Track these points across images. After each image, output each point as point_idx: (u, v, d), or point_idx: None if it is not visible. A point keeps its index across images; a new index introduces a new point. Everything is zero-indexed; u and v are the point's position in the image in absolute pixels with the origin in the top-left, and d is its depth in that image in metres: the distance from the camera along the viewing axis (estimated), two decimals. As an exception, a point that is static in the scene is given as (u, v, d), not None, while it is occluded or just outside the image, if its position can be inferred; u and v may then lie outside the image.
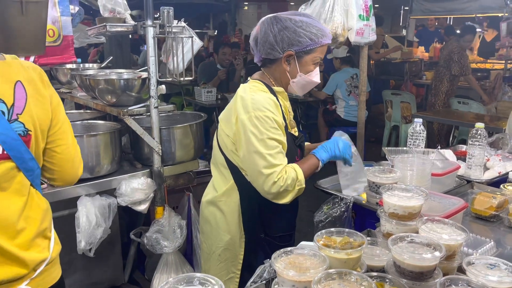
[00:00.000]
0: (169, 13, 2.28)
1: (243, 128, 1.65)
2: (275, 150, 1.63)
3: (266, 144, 1.62)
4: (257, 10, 19.91)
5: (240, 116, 1.66)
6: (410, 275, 1.23)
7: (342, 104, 5.67)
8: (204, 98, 5.71)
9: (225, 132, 1.76)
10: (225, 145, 1.77)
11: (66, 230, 2.32)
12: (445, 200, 1.68)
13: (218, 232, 1.85)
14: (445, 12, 7.93)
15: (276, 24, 1.68)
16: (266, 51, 1.72)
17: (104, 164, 2.31)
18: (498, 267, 1.23)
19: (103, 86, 2.38)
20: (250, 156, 1.64)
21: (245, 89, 1.72)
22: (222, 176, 1.83)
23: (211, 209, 1.87)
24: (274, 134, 1.64)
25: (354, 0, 2.98)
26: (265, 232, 1.83)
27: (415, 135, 2.27)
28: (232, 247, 1.83)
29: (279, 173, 1.61)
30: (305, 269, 1.19)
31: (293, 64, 1.72)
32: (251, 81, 1.79)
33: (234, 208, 1.81)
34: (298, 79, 1.75)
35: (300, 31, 1.67)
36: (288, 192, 1.65)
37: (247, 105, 1.65)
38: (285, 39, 1.67)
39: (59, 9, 3.07)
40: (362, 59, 3.24)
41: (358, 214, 2.04)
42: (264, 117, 1.63)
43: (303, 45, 1.68)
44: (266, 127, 1.62)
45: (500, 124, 4.14)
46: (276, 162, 1.62)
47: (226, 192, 1.81)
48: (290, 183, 1.63)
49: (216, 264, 1.88)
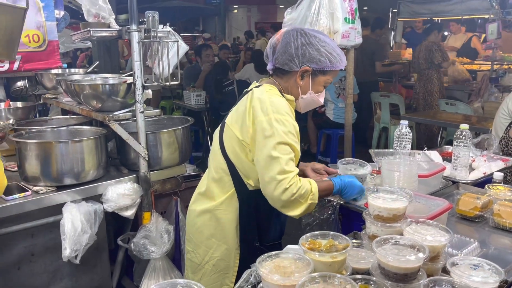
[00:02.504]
0: (154, 18, 2.26)
1: (262, 130, 1.61)
2: (289, 156, 1.60)
3: (282, 149, 1.59)
4: (247, 13, 19.97)
5: (259, 118, 1.62)
6: (395, 277, 1.23)
7: (331, 107, 5.70)
8: (194, 101, 5.71)
9: (236, 136, 1.70)
10: (233, 150, 1.72)
11: (52, 237, 2.30)
12: (430, 201, 1.68)
13: (213, 242, 1.80)
14: (431, 14, 8.02)
15: (301, 38, 1.68)
16: (284, 61, 1.71)
17: (90, 169, 2.29)
18: (482, 268, 1.24)
19: (88, 92, 2.36)
20: (265, 160, 1.60)
21: (262, 91, 1.68)
22: (221, 183, 1.77)
23: (205, 219, 1.81)
24: (291, 140, 1.62)
25: (340, 3, 3.00)
26: (260, 240, 1.81)
27: (401, 137, 2.28)
28: (227, 257, 1.80)
29: (291, 180, 1.57)
30: (289, 273, 1.19)
31: (307, 80, 1.73)
32: (265, 84, 1.76)
33: (233, 217, 1.77)
34: (308, 96, 1.76)
35: (323, 50, 1.68)
36: (300, 203, 1.60)
37: (267, 107, 1.62)
38: (306, 54, 1.68)
39: (44, 14, 3.05)
40: (348, 62, 3.25)
41: (344, 216, 2.04)
42: (284, 121, 1.61)
43: (322, 65, 1.69)
44: (285, 131, 1.60)
45: (487, 124, 4.18)
46: (289, 169, 1.58)
47: (226, 201, 1.77)
48: (303, 193, 1.59)
49: (209, 275, 1.83)
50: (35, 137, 2.42)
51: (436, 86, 6.05)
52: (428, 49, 5.99)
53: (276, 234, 1.88)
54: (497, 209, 1.77)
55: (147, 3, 11.45)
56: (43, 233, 2.29)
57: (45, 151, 2.18)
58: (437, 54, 5.96)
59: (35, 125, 2.70)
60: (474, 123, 4.57)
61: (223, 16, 18.26)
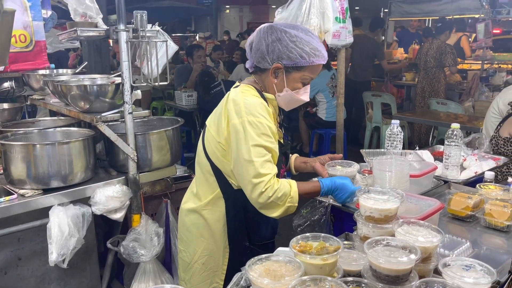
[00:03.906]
0: (142, 17, 2.23)
1: (235, 133, 1.60)
2: (264, 158, 1.58)
3: (257, 151, 1.57)
4: (239, 13, 19.94)
5: (232, 121, 1.61)
6: (386, 279, 1.21)
7: (323, 107, 5.71)
8: (185, 102, 5.68)
9: (214, 138, 1.70)
10: (212, 152, 1.72)
11: (39, 241, 2.26)
12: (422, 201, 1.67)
13: (201, 241, 1.81)
14: (422, 14, 8.05)
15: (271, 34, 1.64)
16: (258, 59, 1.69)
17: (78, 172, 2.25)
18: (474, 268, 1.23)
19: (76, 93, 2.32)
20: (240, 163, 1.59)
21: (237, 93, 1.67)
22: (207, 184, 1.77)
23: (192, 218, 1.82)
24: (265, 142, 1.59)
25: (331, 3, 2.99)
26: (249, 240, 1.80)
27: (392, 136, 2.27)
28: (216, 256, 1.80)
29: (267, 183, 1.56)
30: (280, 276, 1.17)
31: (281, 77, 1.68)
32: (242, 85, 1.74)
33: (220, 217, 1.77)
34: (284, 94, 1.71)
35: (292, 46, 1.62)
36: (278, 205, 1.59)
37: (240, 109, 1.60)
38: (276, 51, 1.63)
39: (31, 14, 3.00)
40: (339, 62, 3.24)
41: (336, 217, 2.03)
42: (257, 123, 1.58)
43: (292, 61, 1.63)
44: (258, 133, 1.58)
45: (478, 124, 4.20)
46: (264, 172, 1.57)
47: (212, 201, 1.76)
48: (280, 196, 1.57)
49: (199, 273, 1.83)
50: (21, 139, 2.37)
51: (443, 86, 6.10)
52: (440, 50, 5.98)
53: (268, 234, 1.87)
54: (489, 209, 1.77)
55: (138, 3, 11.40)
56: (30, 237, 2.25)
57: (31, 154, 2.14)
58: (450, 57, 5.95)
59: (22, 126, 2.66)
60: (465, 122, 4.59)
61: (215, 16, 18.21)
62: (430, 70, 6.12)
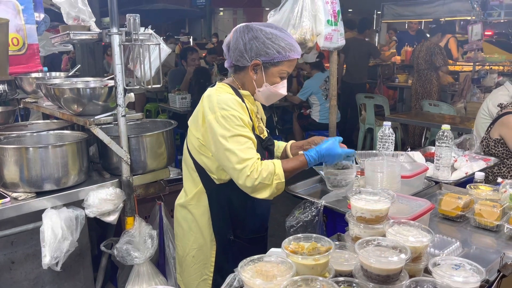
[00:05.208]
0: (135, 20, 2.24)
1: (211, 128, 1.68)
2: (244, 146, 1.65)
3: (235, 141, 1.64)
4: (233, 15, 19.97)
5: (207, 117, 1.69)
6: (377, 279, 1.23)
7: (317, 109, 5.74)
8: (179, 104, 5.68)
9: (194, 135, 1.79)
10: (193, 148, 1.80)
11: (32, 244, 2.25)
12: (412, 202, 1.69)
13: (190, 234, 1.90)
14: (415, 16, 8.12)
15: (247, 33, 1.73)
16: (236, 58, 1.77)
17: (71, 175, 2.25)
18: (463, 268, 1.24)
19: (69, 95, 2.32)
20: (221, 154, 1.66)
21: (212, 90, 1.76)
22: (191, 180, 1.86)
23: (183, 213, 1.92)
24: (241, 131, 1.66)
25: (322, 6, 3.01)
26: (234, 234, 1.86)
27: (384, 138, 2.29)
28: (205, 249, 1.88)
29: (251, 167, 1.62)
30: (272, 277, 1.18)
31: (260, 73, 1.77)
32: (218, 83, 1.83)
33: (204, 211, 1.85)
34: (264, 89, 1.79)
35: (269, 43, 1.71)
36: (266, 186, 1.65)
37: (213, 105, 1.68)
38: (253, 48, 1.72)
39: (23, 17, 2.99)
40: (332, 64, 3.26)
41: (329, 218, 2.04)
42: (230, 116, 1.66)
43: (270, 57, 1.72)
44: (232, 125, 1.65)
45: (470, 125, 4.24)
46: (246, 157, 1.63)
47: (196, 196, 1.85)
48: (265, 176, 1.63)
49: (190, 266, 1.92)
50: (13, 142, 2.37)
51: (435, 87, 6.15)
52: (430, 51, 6.05)
53: (256, 227, 1.92)
54: (478, 209, 1.79)
55: (132, 6, 11.39)
56: (23, 240, 2.24)
57: (24, 157, 2.13)
58: (439, 57, 6.02)
59: (14, 130, 2.65)
60: (457, 124, 4.63)
61: (209, 19, 18.21)
62: (422, 72, 6.19)
